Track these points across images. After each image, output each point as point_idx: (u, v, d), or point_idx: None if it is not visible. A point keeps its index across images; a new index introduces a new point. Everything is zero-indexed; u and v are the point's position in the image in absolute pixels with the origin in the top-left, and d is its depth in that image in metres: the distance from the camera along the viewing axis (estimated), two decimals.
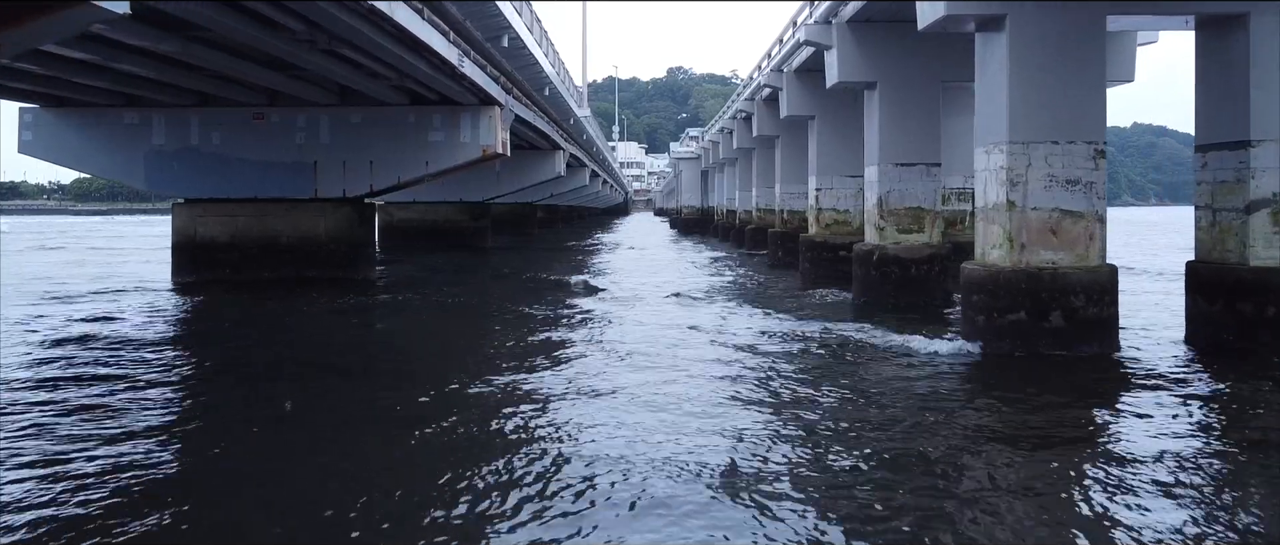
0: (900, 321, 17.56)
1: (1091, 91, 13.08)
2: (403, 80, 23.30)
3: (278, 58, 21.01)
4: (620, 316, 18.34)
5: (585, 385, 11.55)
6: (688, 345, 14.69)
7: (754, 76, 37.91)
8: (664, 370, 12.64)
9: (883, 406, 10.48)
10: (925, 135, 20.52)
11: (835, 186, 27.78)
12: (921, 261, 20.15)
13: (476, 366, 13.20)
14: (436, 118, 26.96)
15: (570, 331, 16.57)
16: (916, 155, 20.53)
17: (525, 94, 32.31)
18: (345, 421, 10.27)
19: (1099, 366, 12.48)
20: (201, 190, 27.06)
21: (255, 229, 26.94)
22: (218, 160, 27.04)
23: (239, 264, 26.81)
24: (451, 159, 27.10)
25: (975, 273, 13.52)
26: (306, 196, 27.03)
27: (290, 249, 26.92)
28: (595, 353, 13.98)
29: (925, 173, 20.53)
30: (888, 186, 20.51)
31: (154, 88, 24.36)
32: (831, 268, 27.05)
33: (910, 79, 20.42)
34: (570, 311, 19.83)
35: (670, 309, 20.11)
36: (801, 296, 22.57)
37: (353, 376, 13.05)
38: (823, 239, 27.55)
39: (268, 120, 27.03)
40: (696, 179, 74.78)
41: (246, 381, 12.50)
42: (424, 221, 48.40)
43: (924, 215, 20.56)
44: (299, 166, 27.06)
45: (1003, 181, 13.22)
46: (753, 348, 14.25)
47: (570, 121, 46.51)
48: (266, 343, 16.37)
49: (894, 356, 13.26)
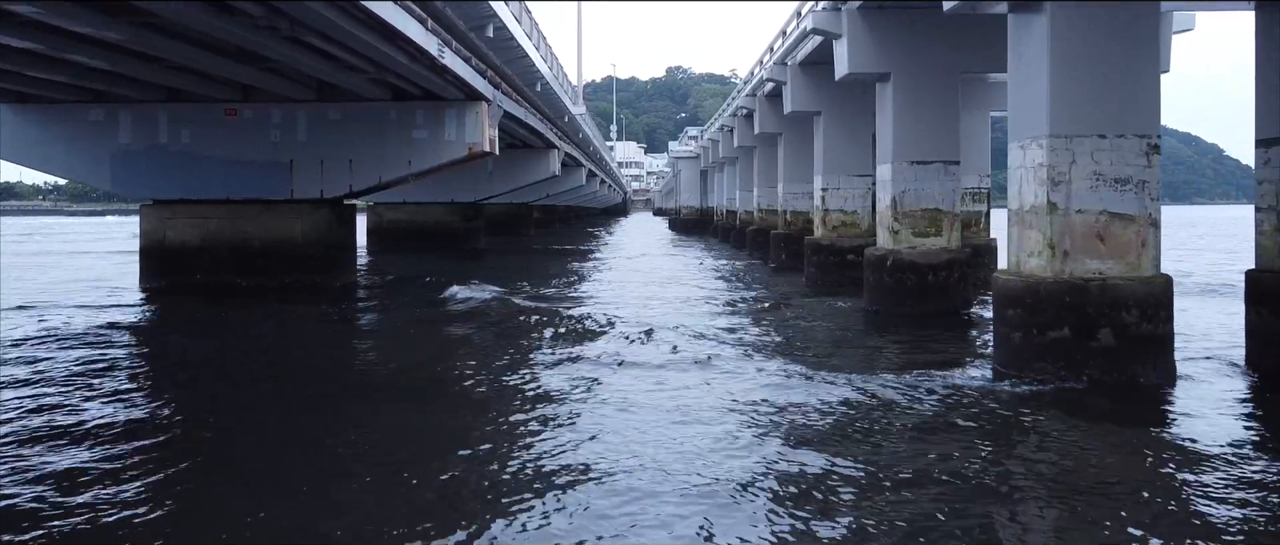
0: (919, 337, 16.01)
1: (1144, 77, 11.51)
2: (381, 73, 21.74)
3: (244, 49, 19.49)
4: (611, 353, 16.77)
5: (564, 455, 9.99)
6: (687, 396, 13.10)
7: (755, 72, 36.35)
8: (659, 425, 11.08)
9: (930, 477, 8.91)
10: (943, 131, 18.97)
11: (842, 186, 26.25)
12: (939, 267, 18.59)
13: (438, 418, 11.62)
14: (420, 114, 25.41)
15: (549, 371, 15.01)
16: (933, 152, 18.96)
17: (516, 90, 30.74)
18: (285, 460, 8.73)
19: (1159, 403, 10.91)
20: (170, 191, 25.50)
21: (227, 232, 25.38)
22: (187, 159, 25.48)
23: (211, 269, 25.26)
24: (436, 157, 25.54)
25: (1010, 285, 11.95)
26: (282, 197, 25.48)
27: (264, 253, 25.37)
28: (575, 402, 12.41)
29: (943, 171, 18.97)
30: (902, 186, 18.95)
31: (119, 82, 22.81)
32: (839, 272, 25.55)
33: (927, 69, 18.86)
34: (551, 337, 18.30)
35: (668, 342, 18.55)
36: (808, 306, 21.00)
37: (290, 406, 11.50)
38: (829, 241, 26.03)
39: (240, 116, 25.47)
40: (696, 179, 73.20)
41: (185, 410, 10.95)
42: (414, 223, 46.87)
43: (942, 217, 19.00)
44: (274, 166, 25.51)
45: (1042, 180, 11.65)
46: (761, 406, 12.64)
47: (565, 119, 44.95)
48: (217, 362, 14.80)
49: (923, 394, 11.67)
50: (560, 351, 14.57)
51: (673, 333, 16.00)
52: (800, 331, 16.79)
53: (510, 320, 18.53)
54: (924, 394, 11.16)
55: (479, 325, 18.14)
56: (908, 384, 11.67)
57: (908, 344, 15.18)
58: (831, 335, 16.25)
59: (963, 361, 13.49)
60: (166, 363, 14.88)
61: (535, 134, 38.52)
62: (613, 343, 15.01)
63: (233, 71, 21.67)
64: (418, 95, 25.02)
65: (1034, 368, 11.52)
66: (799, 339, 15.76)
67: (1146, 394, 11.03)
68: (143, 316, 19.89)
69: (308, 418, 10.70)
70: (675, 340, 15.19)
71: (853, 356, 14.00)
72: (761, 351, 14.40)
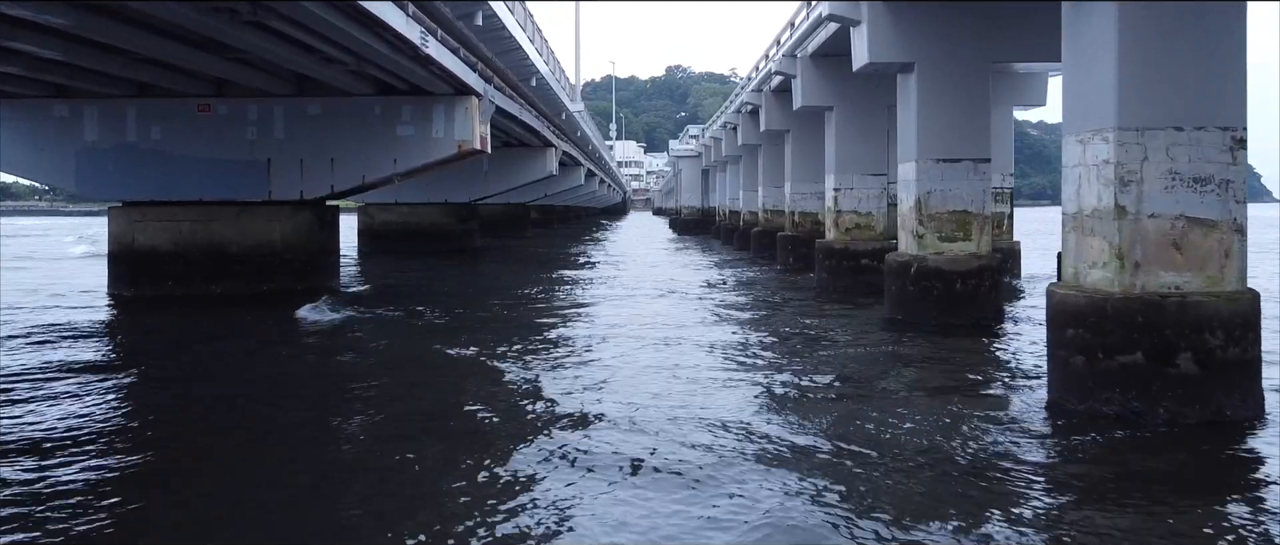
0: (951, 354, 14.41)
1: (1228, 61, 9.90)
2: (361, 65, 20.15)
3: (212, 39, 17.93)
4: (610, 370, 15.18)
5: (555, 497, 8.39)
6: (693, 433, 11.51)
7: (761, 66, 34.75)
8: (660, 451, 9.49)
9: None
10: (972, 126, 17.37)
11: (856, 186, 24.68)
12: (968, 275, 16.98)
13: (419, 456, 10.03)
14: (406, 109, 23.80)
15: (551, 382, 13.42)
16: (962, 149, 17.36)
17: (509, 85, 29.15)
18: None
19: (1252, 442, 9.30)
20: (140, 192, 23.91)
21: (201, 236, 23.79)
22: (158, 158, 23.89)
23: (183, 275, 23.67)
24: (423, 156, 23.93)
25: (1070, 301, 10.33)
26: (259, 199, 23.89)
27: (241, 258, 23.78)
28: (572, 418, 10.83)
29: (972, 170, 17.37)
30: (928, 186, 17.35)
31: (82, 75, 21.21)
32: (852, 277, 24.01)
33: (954, 59, 17.27)
34: (549, 351, 16.70)
35: (669, 357, 16.95)
36: (822, 315, 19.40)
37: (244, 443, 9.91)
38: (842, 245, 24.45)
39: (214, 113, 23.88)
40: (697, 178, 71.59)
41: (129, 439, 9.35)
42: (407, 224, 45.32)
43: (971, 220, 17.40)
44: (250, 165, 23.92)
45: (1108, 180, 10.05)
46: (775, 448, 11.05)
47: (562, 117, 43.38)
48: (173, 379, 13.20)
49: (969, 432, 10.05)
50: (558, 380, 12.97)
51: (677, 373, 14.30)
52: (818, 348, 15.18)
53: (496, 338, 16.94)
54: (970, 433, 9.55)
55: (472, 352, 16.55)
56: (950, 419, 10.06)
57: (940, 363, 13.58)
58: (853, 353, 14.63)
59: (1008, 387, 11.88)
60: (105, 400, 13.30)
61: (531, 132, 36.92)
62: (613, 399, 13.37)
63: (204, 64, 20.09)
64: (403, 90, 23.44)
65: (1100, 398, 9.92)
66: (817, 358, 14.14)
67: (1235, 431, 9.42)
68: (101, 333, 18.29)
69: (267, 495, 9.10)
70: (682, 388, 13.54)
71: (879, 380, 12.37)
72: (776, 374, 12.80)
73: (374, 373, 13.71)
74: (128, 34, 16.84)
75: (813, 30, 23.03)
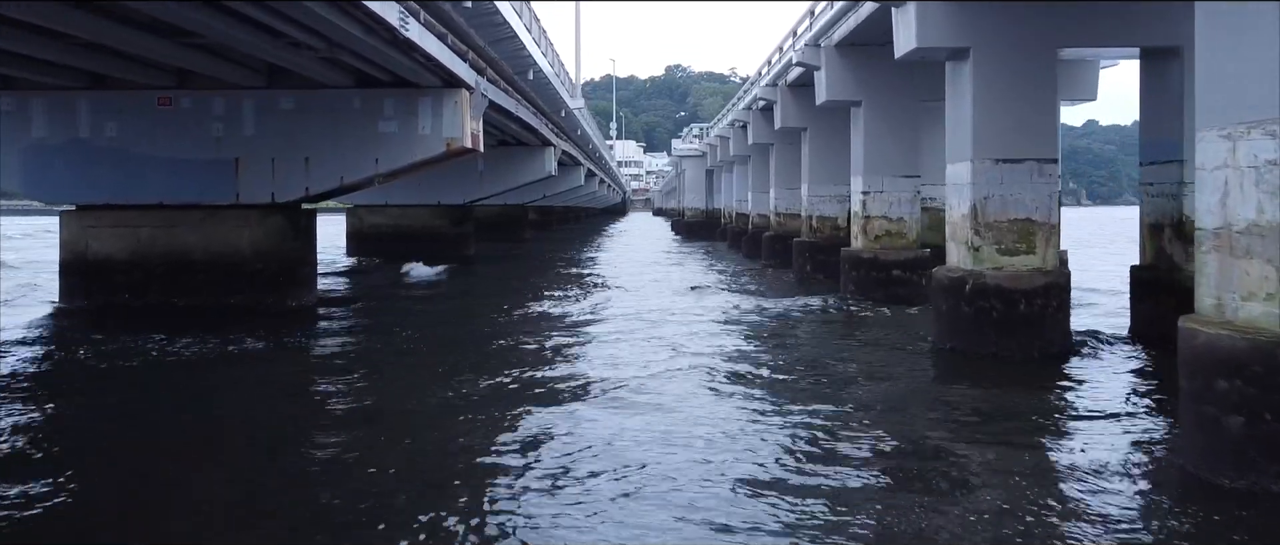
0: (1025, 392, 12.07)
1: None
2: (334, 52, 17.78)
3: (162, 21, 15.64)
4: (616, 368, 12.86)
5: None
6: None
7: (773, 59, 32.45)
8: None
9: None
10: (1037, 121, 15.03)
11: (887, 188, 22.36)
12: (1033, 294, 14.62)
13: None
14: (388, 103, 21.46)
15: (555, 422, 11.09)
16: (1025, 147, 15.01)
17: (504, 78, 26.79)
18: None
19: None
20: (93, 194, 21.57)
21: (161, 243, 21.45)
22: (114, 156, 21.55)
23: (141, 287, 21.33)
24: (408, 155, 21.58)
25: (1222, 344, 7.97)
26: (226, 202, 21.55)
27: (206, 268, 21.44)
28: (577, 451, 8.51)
29: (1036, 171, 15.01)
30: (985, 190, 14.99)
31: (26, 64, 18.81)
32: (882, 289, 21.73)
33: (1016, 44, 14.93)
34: (539, 414, 14.38)
35: (690, 393, 14.60)
36: (852, 341, 17.06)
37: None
38: (871, 254, 22.13)
39: (176, 106, 21.52)
40: (701, 179, 69.20)
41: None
42: (398, 227, 42.91)
43: (1035, 230, 15.03)
44: (216, 165, 21.56)
45: (1273, 187, 7.73)
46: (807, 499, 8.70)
47: (561, 114, 41.00)
48: (104, 412, 10.84)
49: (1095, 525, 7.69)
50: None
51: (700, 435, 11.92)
52: (859, 386, 12.85)
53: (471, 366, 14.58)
54: (1082, 527, 7.21)
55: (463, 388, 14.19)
56: (1051, 506, 7.71)
57: (1015, 414, 11.15)
58: (901, 395, 12.27)
59: (1116, 451, 9.44)
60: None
61: (528, 130, 34.56)
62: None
63: (161, 52, 17.79)
64: (386, 81, 21.10)
65: (1267, 472, 7.58)
66: (863, 404, 11.78)
67: None
68: (35, 353, 15.91)
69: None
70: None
71: (949, 446, 9.93)
72: (815, 428, 10.46)
73: (335, 422, 11.37)
74: (74, 18, 14.58)
75: (841, 17, 20.71)
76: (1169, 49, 15.36)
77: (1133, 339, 15.78)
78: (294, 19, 15.41)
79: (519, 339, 17.42)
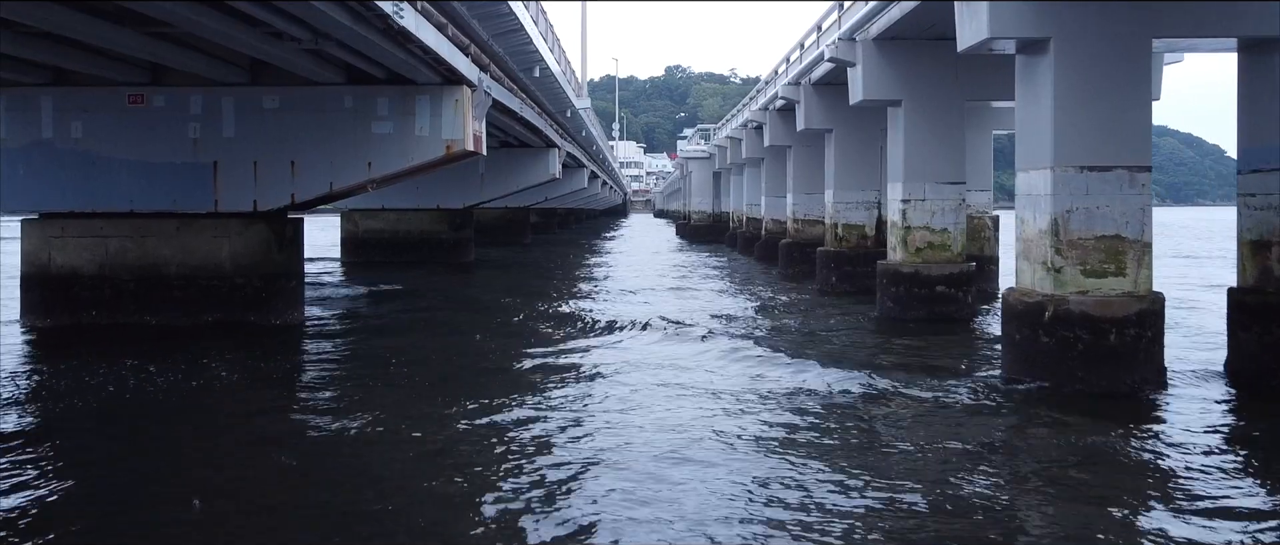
0: (1136, 443, 10.10)
1: None
2: (321, 43, 15.77)
3: (127, 9, 13.71)
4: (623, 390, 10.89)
5: None
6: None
7: (793, 57, 30.50)
8: None
9: None
10: (1128, 122, 13.03)
11: (930, 196, 20.39)
12: (1125, 323, 12.63)
13: None
14: (383, 101, 19.48)
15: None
16: (1114, 153, 13.01)
17: (508, 75, 24.81)
18: None
19: None
20: (58, 201, 19.59)
21: (132, 255, 19.49)
22: (80, 160, 19.57)
23: (111, 303, 19.39)
24: (403, 158, 19.59)
25: None
26: (203, 210, 19.59)
27: (182, 283, 19.50)
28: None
29: (1128, 181, 13.00)
30: (1068, 202, 12.99)
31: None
32: (926, 307, 19.87)
33: (1105, 35, 12.93)
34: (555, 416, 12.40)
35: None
36: (904, 371, 15.07)
37: None
38: (913, 268, 20.17)
39: (149, 105, 19.55)
40: (708, 181, 67.14)
41: None
42: (395, 232, 40.97)
43: (1125, 249, 13.02)
44: (192, 169, 19.59)
45: None
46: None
47: (566, 115, 39.04)
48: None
49: None
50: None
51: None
52: (926, 440, 10.88)
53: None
54: None
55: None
56: None
57: (1145, 470, 9.20)
58: (982, 446, 10.30)
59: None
60: None
61: (532, 131, 32.56)
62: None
63: (130, 44, 15.83)
64: (380, 78, 19.13)
65: None
66: (937, 467, 9.82)
67: None
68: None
69: None
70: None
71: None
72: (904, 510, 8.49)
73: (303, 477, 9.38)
74: (21, 6, 12.62)
75: (880, 10, 18.72)
76: (1274, 40, 13.39)
77: (1229, 374, 13.79)
78: (273, 4, 13.45)
79: (521, 396, 15.43)
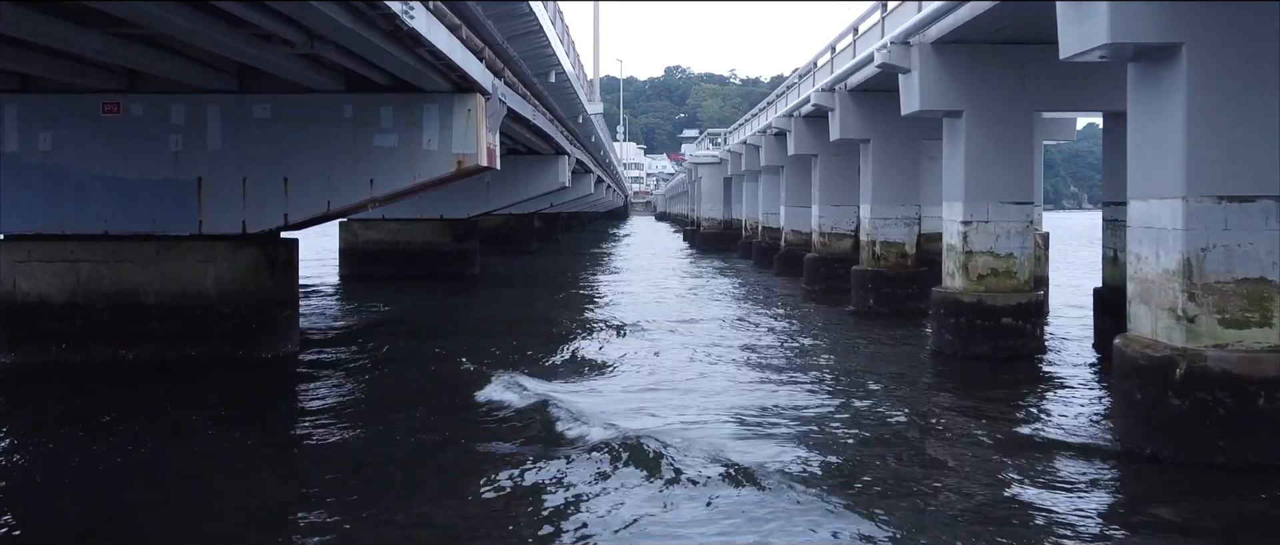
0: None
1: None
2: (316, 46, 13.72)
3: (89, 7, 11.68)
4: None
5: None
6: None
7: (821, 62, 28.52)
8: None
9: None
10: (1275, 145, 11.02)
11: (993, 218, 18.38)
12: (1275, 384, 10.62)
13: None
14: (386, 111, 17.46)
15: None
16: (1258, 181, 10.98)
17: (521, 79, 22.77)
18: None
19: None
20: (23, 221, 17.57)
21: (106, 282, 17.47)
22: (48, 175, 17.54)
23: (82, 335, 17.37)
24: (410, 174, 17.58)
25: None
26: (186, 232, 17.57)
27: (162, 313, 17.48)
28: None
29: (1275, 214, 11.00)
30: (1204, 239, 10.96)
31: None
32: (990, 341, 17.88)
33: (1247, 44, 10.92)
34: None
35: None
36: (989, 439, 13.06)
37: None
38: (975, 297, 18.17)
39: (125, 114, 17.54)
40: (718, 188, 65.04)
41: None
42: (396, 244, 38.87)
43: (1271, 294, 11.01)
44: (174, 186, 17.58)
45: None
46: None
47: (578, 120, 36.99)
48: None
49: None
50: None
51: None
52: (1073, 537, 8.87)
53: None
54: None
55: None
56: None
57: None
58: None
59: None
60: None
61: (543, 137, 30.54)
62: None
63: (100, 47, 13.80)
64: (383, 84, 17.11)
65: None
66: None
67: None
68: None
69: None
70: None
71: None
72: None
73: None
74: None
75: (948, 9, 16.69)
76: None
77: None
78: (261, 3, 11.43)
79: (527, 459, 13.39)
